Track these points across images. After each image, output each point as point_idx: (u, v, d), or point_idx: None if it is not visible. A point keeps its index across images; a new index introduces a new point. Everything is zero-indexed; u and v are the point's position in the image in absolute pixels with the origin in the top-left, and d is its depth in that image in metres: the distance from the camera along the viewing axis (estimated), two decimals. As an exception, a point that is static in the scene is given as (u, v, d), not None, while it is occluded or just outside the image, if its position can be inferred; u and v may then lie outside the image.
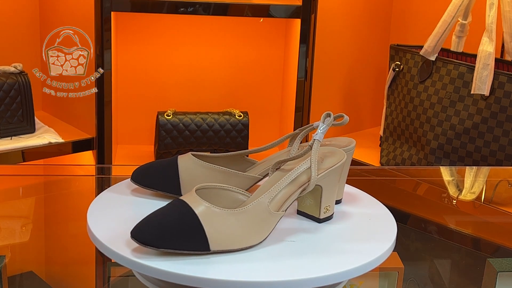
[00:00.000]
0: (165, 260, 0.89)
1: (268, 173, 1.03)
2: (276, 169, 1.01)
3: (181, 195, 0.98)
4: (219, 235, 0.90)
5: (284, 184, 0.96)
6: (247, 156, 1.11)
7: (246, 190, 1.02)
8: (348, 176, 1.11)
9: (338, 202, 1.10)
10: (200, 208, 0.91)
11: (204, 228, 0.89)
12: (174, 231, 0.89)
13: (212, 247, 0.90)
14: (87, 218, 0.99)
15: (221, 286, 0.87)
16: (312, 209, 1.03)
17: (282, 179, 0.97)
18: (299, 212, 1.05)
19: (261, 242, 0.94)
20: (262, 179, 1.07)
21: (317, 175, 0.98)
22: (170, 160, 1.09)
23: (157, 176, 1.07)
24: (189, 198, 0.92)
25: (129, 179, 1.09)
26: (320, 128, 1.00)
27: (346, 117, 1.03)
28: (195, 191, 0.94)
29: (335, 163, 1.01)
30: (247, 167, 1.10)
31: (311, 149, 0.99)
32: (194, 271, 0.87)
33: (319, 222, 1.02)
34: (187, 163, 1.07)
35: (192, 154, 1.08)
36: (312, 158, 0.98)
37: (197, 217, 0.90)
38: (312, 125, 1.04)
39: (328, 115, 1.01)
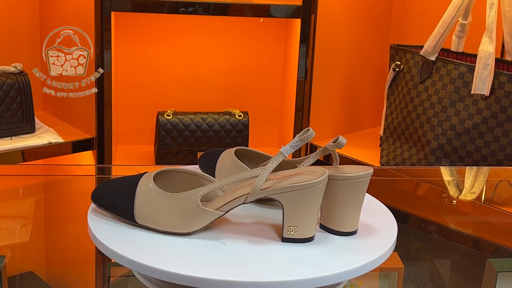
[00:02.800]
0: (165, 260, 0.90)
1: None
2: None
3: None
4: (146, 211, 0.96)
5: (220, 184, 0.96)
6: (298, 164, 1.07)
7: None
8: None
9: (349, 234, 0.99)
10: (143, 184, 0.97)
11: (135, 201, 0.97)
12: (113, 195, 0.98)
13: (138, 219, 0.97)
14: (87, 218, 0.99)
15: (222, 287, 0.87)
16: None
17: (222, 179, 0.96)
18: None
19: (191, 233, 0.95)
20: None
21: (261, 188, 0.93)
22: (216, 152, 1.11)
23: (207, 164, 1.11)
24: (146, 175, 0.99)
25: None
26: (291, 142, 0.95)
27: (342, 140, 0.96)
28: (156, 173, 0.99)
29: (298, 182, 0.94)
30: None
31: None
32: (194, 271, 0.87)
33: (282, 241, 0.95)
34: (226, 157, 1.09)
35: (235, 150, 1.09)
36: (265, 168, 0.94)
37: (135, 190, 0.97)
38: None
39: (307, 131, 0.94)
